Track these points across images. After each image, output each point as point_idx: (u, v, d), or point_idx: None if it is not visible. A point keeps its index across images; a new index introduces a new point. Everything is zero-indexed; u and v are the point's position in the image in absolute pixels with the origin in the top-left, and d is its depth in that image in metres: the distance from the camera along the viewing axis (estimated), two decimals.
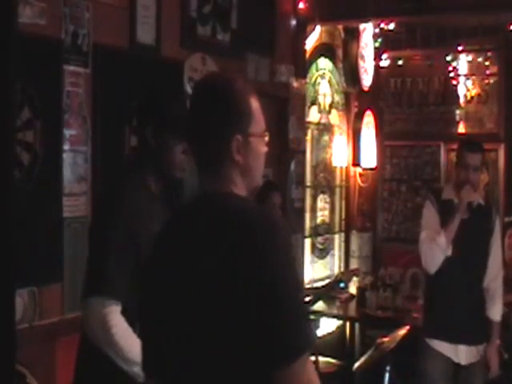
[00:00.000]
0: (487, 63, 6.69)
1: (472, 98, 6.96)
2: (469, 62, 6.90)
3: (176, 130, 2.34)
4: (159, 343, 1.59)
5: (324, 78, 6.31)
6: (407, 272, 6.48)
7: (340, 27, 6.32)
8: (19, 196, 2.82)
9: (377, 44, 6.73)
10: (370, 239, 7.05)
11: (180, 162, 2.37)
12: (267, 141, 1.69)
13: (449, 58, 6.87)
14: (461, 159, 3.74)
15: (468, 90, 6.98)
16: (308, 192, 6.01)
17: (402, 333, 3.82)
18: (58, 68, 3.12)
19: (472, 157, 3.70)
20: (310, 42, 5.57)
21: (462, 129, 7.04)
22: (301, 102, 5.40)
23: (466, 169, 3.70)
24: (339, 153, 6.55)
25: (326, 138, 6.45)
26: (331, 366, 4.92)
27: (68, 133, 3.16)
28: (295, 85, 5.16)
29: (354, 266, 6.65)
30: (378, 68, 6.87)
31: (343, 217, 6.79)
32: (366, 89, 6.65)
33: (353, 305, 5.63)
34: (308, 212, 6.02)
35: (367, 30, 6.48)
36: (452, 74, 6.95)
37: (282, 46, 5.02)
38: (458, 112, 7.02)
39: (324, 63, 6.27)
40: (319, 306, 5.31)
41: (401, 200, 7.20)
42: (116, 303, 2.20)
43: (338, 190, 6.73)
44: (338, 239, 6.74)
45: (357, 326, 5.78)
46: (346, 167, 6.72)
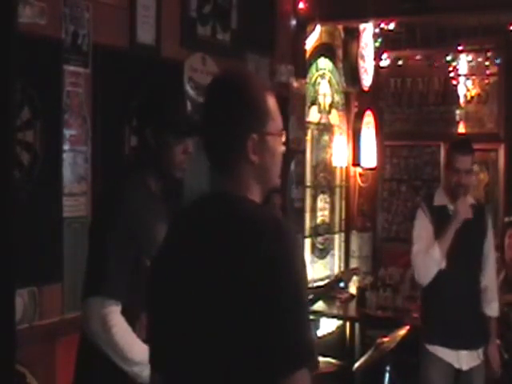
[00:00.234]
0: (487, 63, 6.69)
1: (472, 97, 6.97)
2: (469, 61, 6.90)
3: (176, 130, 2.35)
4: (163, 342, 1.60)
5: (324, 78, 6.31)
6: (407, 272, 6.45)
7: (340, 27, 6.32)
8: (19, 196, 2.82)
9: (377, 44, 6.73)
10: (369, 239, 7.05)
11: (180, 162, 2.37)
12: (284, 140, 1.63)
13: (449, 58, 6.87)
14: (451, 162, 3.63)
15: (468, 90, 6.98)
16: (308, 192, 6.01)
17: (401, 333, 3.82)
18: (58, 68, 3.12)
19: (463, 160, 3.60)
20: (310, 42, 5.57)
21: (462, 129, 7.04)
22: (301, 102, 5.40)
23: (457, 172, 3.59)
24: (339, 153, 6.54)
25: (326, 138, 6.45)
26: (331, 365, 4.90)
27: (68, 133, 3.16)
28: (295, 85, 5.16)
29: (353, 266, 6.64)
30: (378, 68, 6.87)
31: (343, 217, 6.78)
32: (366, 89, 6.65)
33: (353, 305, 5.63)
34: (308, 212, 6.01)
35: (367, 30, 6.48)
36: (452, 74, 6.96)
37: (282, 46, 5.02)
38: (457, 112, 7.02)
39: (324, 63, 6.27)
40: (319, 305, 5.31)
41: (401, 200, 7.20)
42: (116, 303, 2.20)
43: (338, 190, 6.73)
44: (337, 239, 6.73)
45: (357, 325, 5.77)
46: (346, 167, 6.71)
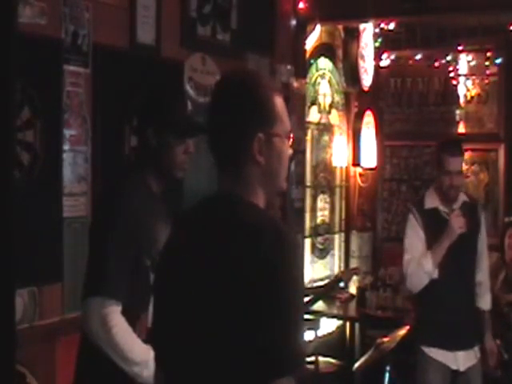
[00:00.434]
0: (487, 63, 6.69)
1: (472, 97, 6.97)
2: (469, 61, 6.90)
3: (177, 130, 2.35)
4: (164, 341, 1.60)
5: (324, 78, 6.31)
6: None
7: (340, 27, 6.32)
8: (19, 196, 2.82)
9: (377, 44, 6.73)
10: (369, 239, 7.05)
11: (181, 162, 2.37)
12: (291, 143, 1.61)
13: (449, 58, 6.87)
14: (442, 164, 3.56)
15: (468, 90, 6.98)
16: (308, 192, 6.01)
17: (401, 333, 3.82)
18: (58, 68, 3.11)
19: (454, 161, 3.54)
20: (310, 42, 5.57)
21: (461, 129, 7.04)
22: (301, 102, 5.40)
23: (449, 175, 3.54)
24: (339, 153, 6.54)
25: (326, 138, 6.44)
26: (331, 365, 4.91)
27: (68, 133, 3.16)
28: (295, 85, 5.16)
29: (353, 266, 6.63)
30: (378, 68, 6.87)
31: (343, 217, 6.78)
32: (366, 89, 6.65)
33: (353, 305, 5.63)
34: (308, 212, 6.01)
35: (367, 30, 6.48)
36: (452, 74, 6.96)
37: (282, 46, 5.02)
38: (457, 112, 7.02)
39: (324, 63, 6.27)
40: (319, 305, 5.31)
41: (401, 200, 7.19)
42: (116, 303, 2.20)
43: (338, 190, 6.73)
44: (337, 239, 6.73)
45: (357, 326, 5.77)
46: (346, 167, 6.71)
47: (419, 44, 6.63)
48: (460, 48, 6.73)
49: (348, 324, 5.95)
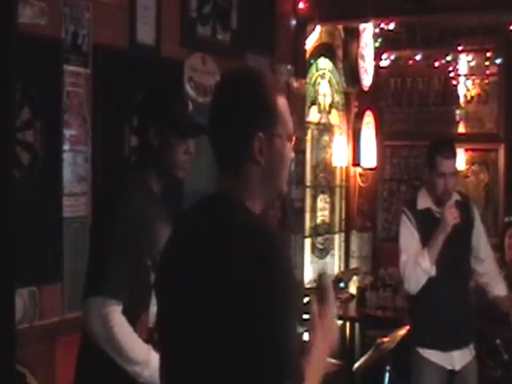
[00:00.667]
0: (487, 63, 6.69)
1: (472, 97, 6.97)
2: (469, 61, 6.90)
3: (178, 130, 2.35)
4: (165, 341, 1.61)
5: (324, 78, 6.31)
6: None
7: (340, 27, 6.32)
8: (19, 196, 2.82)
9: (377, 44, 6.72)
10: (369, 239, 7.05)
11: (182, 162, 2.37)
12: (293, 146, 1.57)
13: (449, 58, 6.87)
14: (435, 166, 3.51)
15: (468, 90, 6.98)
16: (308, 192, 6.01)
17: (401, 333, 3.82)
18: (58, 68, 3.11)
19: (447, 163, 3.50)
20: (310, 42, 5.57)
21: (462, 129, 7.04)
22: (301, 102, 5.40)
23: (442, 177, 3.50)
24: (339, 153, 6.54)
25: (326, 138, 6.44)
26: (331, 366, 4.91)
27: (68, 133, 3.16)
28: (295, 85, 5.16)
29: (353, 266, 6.64)
30: (378, 68, 6.87)
31: (343, 217, 6.78)
32: (366, 89, 6.65)
33: (353, 305, 5.64)
34: (308, 212, 6.01)
35: (367, 29, 6.48)
36: (452, 74, 6.95)
37: (282, 46, 5.02)
38: (458, 112, 7.02)
39: (324, 63, 6.27)
40: None
41: (401, 200, 7.19)
42: (117, 303, 2.20)
43: (338, 189, 6.73)
44: (338, 239, 6.73)
45: (357, 326, 5.78)
46: (346, 167, 6.71)
47: (419, 44, 6.62)
48: (460, 48, 6.73)
49: (348, 324, 5.94)
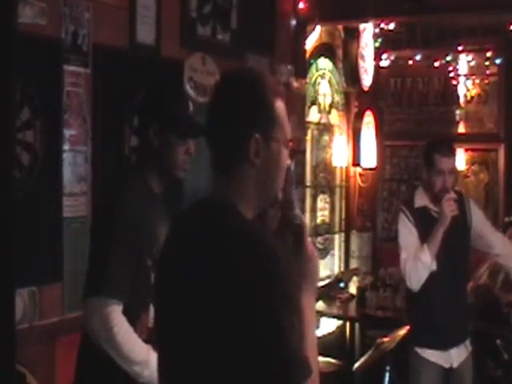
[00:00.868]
0: (487, 63, 6.69)
1: (472, 97, 6.97)
2: (469, 61, 6.91)
3: (179, 130, 2.35)
4: (164, 342, 1.61)
5: (324, 78, 6.31)
6: None
7: (340, 27, 6.32)
8: (19, 196, 2.82)
9: (377, 44, 6.73)
10: (369, 239, 7.05)
11: (182, 162, 2.37)
12: (289, 152, 1.56)
13: (449, 58, 6.87)
14: (434, 165, 3.52)
15: (468, 90, 6.99)
16: (308, 192, 6.01)
17: (401, 333, 3.82)
18: (58, 68, 3.11)
19: (446, 162, 3.51)
20: (310, 42, 5.57)
21: (462, 129, 7.05)
22: (301, 102, 5.40)
23: (441, 175, 3.51)
24: (339, 153, 6.54)
25: (326, 138, 6.45)
26: (331, 365, 4.90)
27: (68, 133, 3.16)
28: (295, 85, 5.16)
29: (353, 266, 6.64)
30: (378, 68, 6.87)
31: (343, 217, 6.78)
32: (366, 89, 6.65)
33: (353, 305, 5.63)
34: (308, 212, 6.02)
35: (367, 29, 6.48)
36: (452, 74, 6.96)
37: (282, 46, 5.02)
38: (457, 112, 7.03)
39: (324, 63, 6.27)
40: (319, 305, 5.31)
41: (401, 200, 7.19)
42: (117, 303, 2.21)
43: (338, 189, 6.73)
44: (338, 239, 6.73)
45: (357, 326, 5.77)
46: (346, 167, 6.71)
47: (419, 44, 6.63)
48: (460, 48, 6.73)
49: (348, 324, 5.94)
